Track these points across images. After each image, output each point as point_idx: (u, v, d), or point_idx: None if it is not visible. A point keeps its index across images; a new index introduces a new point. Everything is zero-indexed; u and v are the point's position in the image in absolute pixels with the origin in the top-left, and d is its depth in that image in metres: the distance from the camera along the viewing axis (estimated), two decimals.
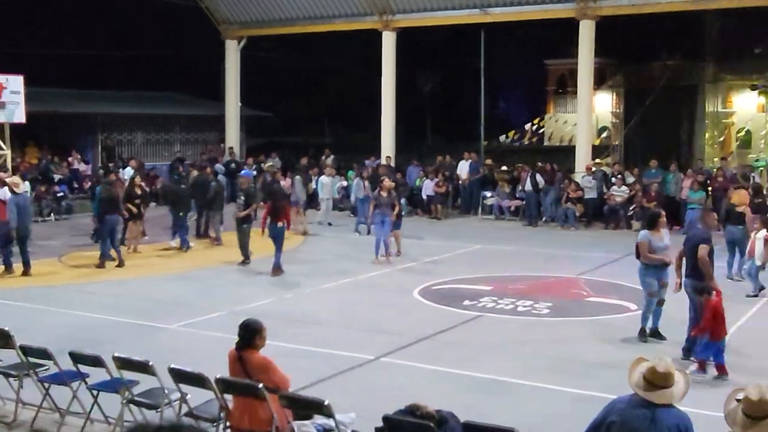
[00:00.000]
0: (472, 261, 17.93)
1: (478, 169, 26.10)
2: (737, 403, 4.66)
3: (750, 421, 4.54)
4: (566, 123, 45.79)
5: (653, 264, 11.14)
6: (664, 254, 11.19)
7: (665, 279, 11.27)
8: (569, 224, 22.74)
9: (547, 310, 13.20)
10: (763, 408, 4.52)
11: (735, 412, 4.65)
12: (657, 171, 23.78)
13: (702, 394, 8.04)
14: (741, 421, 4.58)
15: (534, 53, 51.28)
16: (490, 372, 9.88)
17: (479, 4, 26.39)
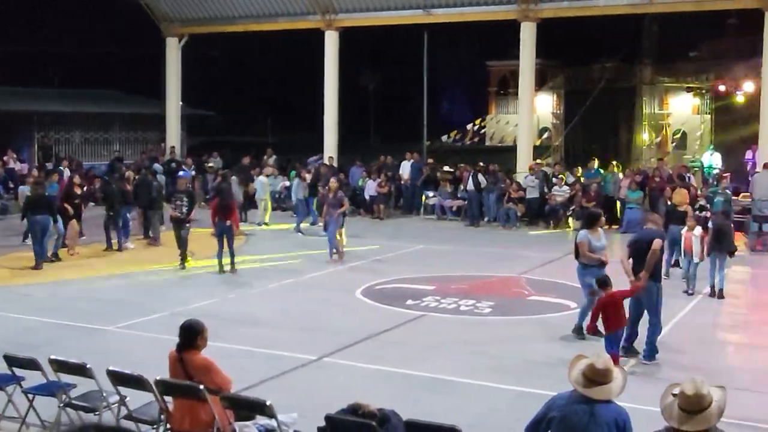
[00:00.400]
0: (415, 261, 17.99)
1: (420, 169, 26.19)
2: (673, 398, 4.74)
3: (686, 415, 4.62)
4: (508, 123, 46.33)
5: (591, 263, 11.27)
6: (602, 254, 11.34)
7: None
8: (511, 224, 22.96)
9: (489, 309, 13.30)
10: (698, 402, 4.60)
11: (671, 407, 4.72)
12: (596, 171, 24.16)
13: (640, 389, 8.18)
14: (677, 415, 4.66)
15: (476, 54, 51.78)
16: (432, 371, 9.92)
17: (422, 5, 26.51)
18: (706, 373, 9.39)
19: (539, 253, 18.69)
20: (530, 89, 26.12)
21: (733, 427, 5.32)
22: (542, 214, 23.30)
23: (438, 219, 24.75)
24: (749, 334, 12.22)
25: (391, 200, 26.21)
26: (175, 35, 30.63)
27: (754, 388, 9.33)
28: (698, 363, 10.37)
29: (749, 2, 22.61)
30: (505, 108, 49.92)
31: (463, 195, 24.57)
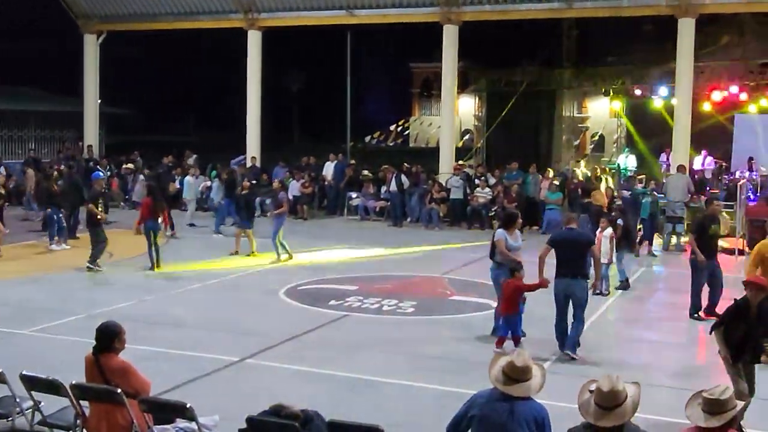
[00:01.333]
0: (339, 261, 17.96)
1: (343, 170, 26.19)
2: (590, 394, 4.84)
3: (602, 410, 4.73)
4: (431, 125, 46.66)
5: (506, 263, 11.36)
6: (518, 254, 11.42)
7: None
8: (433, 224, 23.13)
9: (412, 309, 13.38)
10: (613, 398, 4.71)
11: (588, 403, 4.82)
12: (517, 173, 24.52)
13: (558, 386, 8.32)
14: (594, 411, 4.76)
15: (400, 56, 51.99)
16: (355, 371, 9.92)
17: (345, 6, 26.52)
18: (621, 369, 9.62)
19: (462, 253, 18.88)
20: (452, 91, 26.36)
21: (647, 423, 5.46)
22: (464, 215, 23.54)
23: (361, 220, 24.78)
24: (662, 332, 12.55)
25: (315, 201, 26.15)
26: (93, 32, 29.93)
27: (667, 384, 9.59)
28: (614, 360, 10.61)
29: (664, 9, 23.24)
30: (428, 110, 50.28)
31: (386, 196, 24.66)
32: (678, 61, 23.20)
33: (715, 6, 23.00)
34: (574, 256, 10.77)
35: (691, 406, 4.98)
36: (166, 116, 50.33)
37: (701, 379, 9.33)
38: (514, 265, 10.96)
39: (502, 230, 11.55)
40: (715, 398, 4.84)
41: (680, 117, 23.39)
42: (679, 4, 22.61)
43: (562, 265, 10.74)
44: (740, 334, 7.94)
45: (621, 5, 23.77)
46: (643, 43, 30.59)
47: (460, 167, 25.11)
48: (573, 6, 24.20)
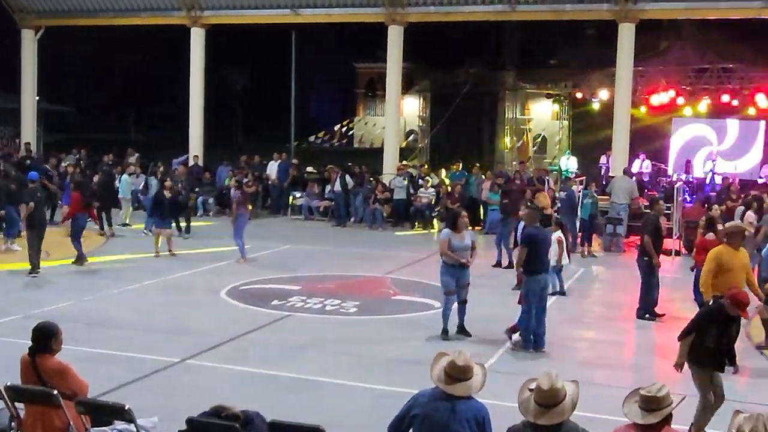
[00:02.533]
0: (282, 261, 17.90)
1: (287, 169, 26.08)
2: (530, 393, 4.88)
3: (541, 409, 4.77)
4: (375, 125, 46.71)
5: (452, 263, 11.45)
6: (464, 254, 11.48)
7: (466, 279, 11.62)
8: (377, 224, 23.18)
9: (355, 309, 13.38)
10: (553, 396, 4.76)
11: (528, 401, 4.86)
12: (460, 173, 24.69)
13: (499, 385, 8.39)
14: (533, 409, 4.80)
15: (345, 56, 51.97)
16: (297, 371, 9.88)
17: (290, 5, 26.41)
18: (561, 368, 9.74)
19: (405, 253, 18.94)
20: (397, 92, 26.45)
21: (586, 420, 5.53)
22: (408, 216, 23.62)
23: (305, 219, 24.72)
24: (601, 331, 12.74)
25: (259, 200, 25.98)
26: (31, 27, 29.31)
27: (606, 382, 9.73)
28: (555, 359, 10.73)
29: (605, 14, 23.63)
30: (373, 110, 50.40)
31: (330, 196, 24.64)
32: (618, 65, 23.61)
33: (654, 12, 23.45)
34: (544, 252, 11.18)
35: (628, 404, 5.06)
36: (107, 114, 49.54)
37: (639, 376, 9.50)
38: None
39: (447, 230, 11.58)
40: (652, 395, 4.93)
41: (619, 120, 23.81)
42: (620, 10, 23.04)
43: (537, 262, 11.05)
44: (712, 342, 8.00)
45: (563, 9, 24.10)
46: (585, 47, 31.07)
47: (404, 167, 25.21)
48: (516, 9, 24.47)
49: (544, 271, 11.22)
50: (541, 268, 11.12)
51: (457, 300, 11.47)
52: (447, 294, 11.42)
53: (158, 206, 18.23)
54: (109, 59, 45.49)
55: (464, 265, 11.45)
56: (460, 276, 11.43)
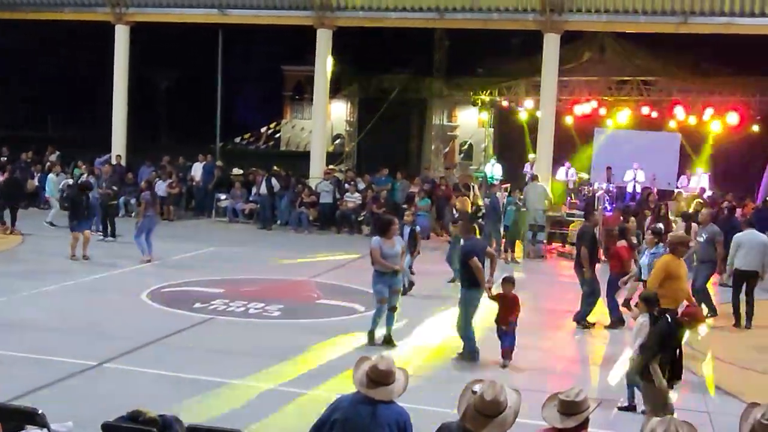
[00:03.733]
0: (205, 263, 17.66)
1: (212, 170, 25.78)
2: (472, 395, 4.84)
3: (483, 417, 4.74)
4: (302, 129, 46.49)
5: (384, 271, 11.42)
6: (395, 261, 11.50)
7: (397, 286, 11.63)
8: (303, 228, 23.08)
9: (279, 313, 13.29)
10: (495, 408, 4.73)
11: (468, 407, 4.82)
12: (386, 179, 24.76)
13: (422, 390, 8.44)
14: (472, 415, 4.77)
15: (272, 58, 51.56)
16: (217, 375, 9.75)
17: (217, 4, 26.14)
18: (485, 373, 9.84)
19: (330, 257, 18.89)
20: (324, 96, 26.39)
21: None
22: (334, 220, 23.58)
23: (230, 222, 24.47)
24: (522, 336, 12.85)
25: (183, 202, 25.62)
26: None
27: (527, 386, 9.83)
28: (478, 364, 10.82)
29: (530, 24, 24.00)
30: (300, 113, 50.06)
31: (255, 198, 24.44)
32: (543, 75, 24.01)
33: (578, 24, 23.92)
34: (482, 260, 11.17)
35: (547, 408, 5.11)
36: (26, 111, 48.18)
37: (559, 381, 9.64)
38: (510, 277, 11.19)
39: (378, 238, 11.53)
40: (571, 400, 4.98)
41: (544, 129, 24.20)
42: (545, 20, 23.43)
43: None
44: (667, 358, 8.11)
45: (490, 18, 24.39)
46: (512, 57, 31.46)
47: (331, 172, 25.17)
48: (444, 17, 24.67)
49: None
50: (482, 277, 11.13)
51: (387, 306, 11.44)
52: (380, 302, 11.37)
53: (75, 207, 17.58)
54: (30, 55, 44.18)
55: (397, 272, 11.47)
56: (391, 283, 11.44)
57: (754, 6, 22.23)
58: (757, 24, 22.37)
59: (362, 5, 25.12)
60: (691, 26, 22.82)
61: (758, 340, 13.06)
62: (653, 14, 23.01)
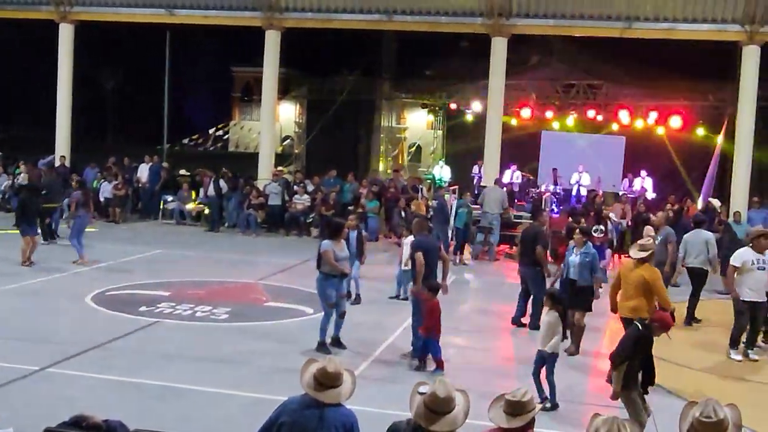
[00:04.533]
0: (151, 266, 17.44)
1: (159, 172, 25.50)
2: (420, 396, 4.88)
3: (434, 415, 4.79)
4: (251, 130, 46.28)
5: (333, 274, 11.38)
6: (345, 265, 11.46)
7: (344, 290, 11.63)
8: (251, 230, 22.95)
9: (226, 315, 13.18)
10: (447, 404, 4.78)
11: (419, 405, 4.86)
12: (335, 180, 24.75)
13: (369, 392, 8.45)
14: (424, 414, 4.81)
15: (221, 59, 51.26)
16: (163, 379, 9.64)
17: (165, 4, 25.87)
18: (431, 375, 9.89)
19: (278, 259, 18.82)
20: (273, 97, 26.28)
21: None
22: (283, 221, 23.49)
23: (177, 224, 24.23)
24: (469, 337, 12.98)
25: (129, 203, 25.30)
26: None
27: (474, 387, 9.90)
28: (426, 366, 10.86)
29: (479, 28, 24.19)
30: (249, 114, 49.87)
31: (203, 200, 24.24)
32: (491, 78, 24.21)
33: (525, 27, 24.15)
34: (434, 261, 11.24)
35: (494, 408, 5.16)
36: None
37: (506, 382, 9.72)
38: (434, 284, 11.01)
39: (329, 241, 11.47)
40: (517, 400, 5.04)
41: (491, 131, 24.40)
42: (493, 24, 23.64)
43: (429, 270, 11.15)
44: (641, 365, 8.28)
45: (439, 21, 24.53)
46: (460, 59, 31.67)
47: (279, 173, 25.07)
48: (393, 19, 24.75)
49: (433, 279, 11.24)
50: (430, 276, 11.21)
51: (337, 312, 11.41)
52: (330, 307, 11.32)
53: (25, 211, 17.14)
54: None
55: (345, 274, 11.46)
56: (339, 287, 11.42)
57: (695, 12, 22.70)
58: (699, 30, 22.88)
59: (311, 7, 25.09)
60: (636, 31, 23.25)
61: (699, 338, 13.35)
62: (599, 19, 23.36)
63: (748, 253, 11.99)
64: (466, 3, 24.02)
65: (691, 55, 25.89)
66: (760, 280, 11.87)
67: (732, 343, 12.19)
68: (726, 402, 4.46)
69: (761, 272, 11.88)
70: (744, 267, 11.88)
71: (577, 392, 10.25)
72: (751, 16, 22.23)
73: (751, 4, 22.07)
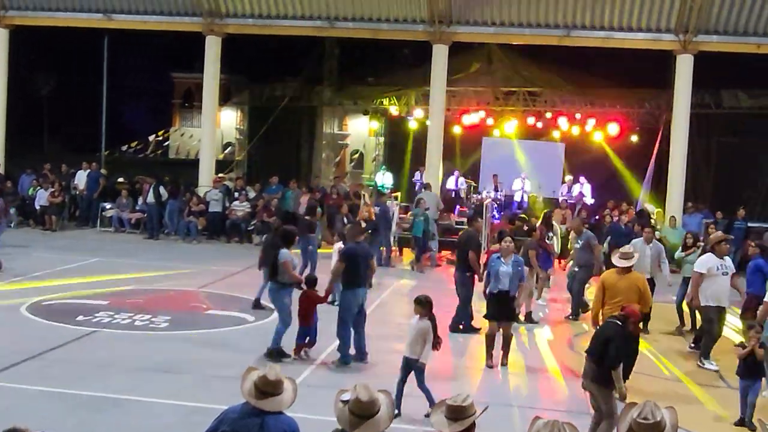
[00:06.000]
0: (89, 275, 17.11)
1: (97, 179, 25.09)
2: (343, 404, 4.89)
3: (357, 419, 4.79)
4: (192, 137, 45.78)
5: (289, 282, 11.34)
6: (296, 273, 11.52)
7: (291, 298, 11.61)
8: (191, 237, 22.71)
9: (166, 324, 13.02)
10: (370, 408, 4.79)
11: (343, 412, 4.87)
12: (277, 187, 24.63)
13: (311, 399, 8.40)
14: (349, 420, 4.81)
15: (161, 64, 50.65)
16: (102, 389, 9.48)
17: (102, 9, 25.50)
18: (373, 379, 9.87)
19: (219, 266, 18.65)
20: (214, 103, 26.07)
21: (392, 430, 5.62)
22: (223, 229, 23.29)
23: (116, 231, 23.87)
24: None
25: (65, 211, 24.83)
26: None
27: (415, 393, 9.95)
28: (366, 369, 10.87)
29: (420, 35, 24.33)
30: (190, 121, 49.32)
31: (142, 207, 23.91)
32: (432, 85, 24.37)
33: (465, 35, 24.36)
34: (364, 267, 11.29)
35: (435, 414, 5.18)
36: None
37: (446, 386, 9.78)
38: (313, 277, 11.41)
39: (287, 250, 11.43)
40: (458, 405, 5.06)
41: (433, 138, 24.55)
42: (434, 31, 23.81)
43: (356, 276, 11.17)
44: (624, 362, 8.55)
45: (380, 28, 24.62)
46: (402, 66, 31.82)
47: (220, 180, 24.86)
48: (334, 25, 24.75)
49: (362, 285, 11.32)
50: (359, 282, 11.25)
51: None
52: (289, 315, 11.27)
53: None
54: None
55: (300, 282, 11.47)
56: (291, 296, 11.42)
57: (631, 21, 23.17)
58: (635, 38, 23.35)
59: (252, 12, 24.96)
60: (573, 39, 23.62)
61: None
62: (538, 27, 23.70)
63: (712, 260, 12.08)
64: (407, 10, 24.14)
65: (628, 63, 26.42)
66: (722, 286, 11.97)
67: (704, 353, 12.17)
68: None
69: (725, 277, 12.00)
70: (710, 273, 11.95)
71: (518, 396, 10.34)
72: (684, 25, 22.78)
73: (684, 14, 22.61)
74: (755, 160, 28.54)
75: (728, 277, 12.04)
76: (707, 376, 11.75)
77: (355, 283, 11.20)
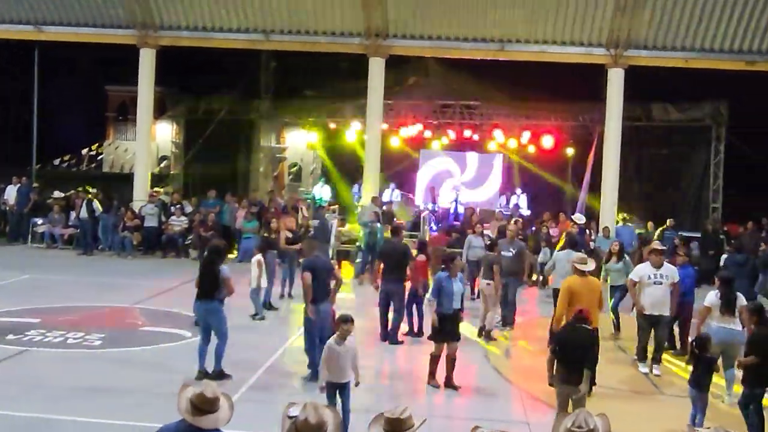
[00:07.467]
0: (19, 292, 16.72)
1: (28, 194, 24.54)
2: (290, 420, 4.80)
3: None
4: (126, 151, 45.10)
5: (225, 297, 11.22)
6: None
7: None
8: (126, 253, 22.35)
9: (100, 342, 12.76)
10: (318, 428, 4.70)
11: (290, 429, 4.78)
12: (214, 201, 24.39)
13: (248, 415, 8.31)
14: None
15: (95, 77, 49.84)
16: (32, 410, 9.24)
17: (33, 21, 25.02)
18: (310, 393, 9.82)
19: (155, 282, 18.38)
20: (149, 116, 25.76)
21: None
22: (159, 244, 22.98)
23: (48, 247, 23.37)
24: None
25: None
26: None
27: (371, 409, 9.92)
28: (305, 385, 10.80)
29: (356, 48, 24.41)
30: (124, 134, 48.54)
31: (75, 223, 23.46)
32: (369, 97, 24.45)
33: (402, 48, 24.51)
34: (323, 280, 11.18)
35: (373, 427, 5.16)
36: None
37: (389, 400, 9.77)
38: None
39: (227, 266, 11.25)
40: (396, 417, 5.05)
41: (370, 151, 24.61)
42: (370, 45, 23.91)
43: (318, 291, 11.06)
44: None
45: (317, 41, 24.62)
46: (339, 79, 31.83)
47: (156, 194, 24.53)
48: (270, 38, 24.69)
49: (325, 300, 11.15)
50: (321, 296, 11.10)
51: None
52: (227, 330, 11.08)
53: None
54: None
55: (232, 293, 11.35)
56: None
57: (564, 36, 23.59)
58: (568, 52, 23.78)
59: (187, 25, 24.75)
60: (508, 53, 23.95)
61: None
62: (474, 41, 23.97)
63: (646, 268, 12.34)
64: (343, 23, 24.20)
65: (562, 77, 26.87)
66: (655, 295, 12.16)
67: (638, 356, 12.53)
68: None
69: (657, 287, 12.20)
70: (642, 282, 12.22)
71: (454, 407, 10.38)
72: (615, 40, 23.28)
73: (615, 30, 23.10)
74: (685, 171, 29.28)
75: (662, 287, 12.25)
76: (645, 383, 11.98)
77: (317, 297, 11.02)
